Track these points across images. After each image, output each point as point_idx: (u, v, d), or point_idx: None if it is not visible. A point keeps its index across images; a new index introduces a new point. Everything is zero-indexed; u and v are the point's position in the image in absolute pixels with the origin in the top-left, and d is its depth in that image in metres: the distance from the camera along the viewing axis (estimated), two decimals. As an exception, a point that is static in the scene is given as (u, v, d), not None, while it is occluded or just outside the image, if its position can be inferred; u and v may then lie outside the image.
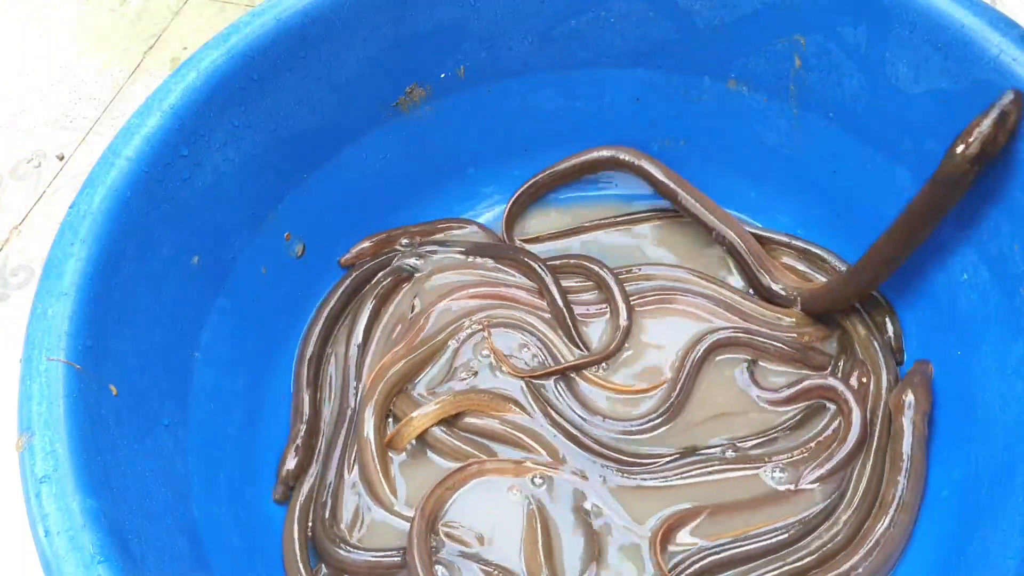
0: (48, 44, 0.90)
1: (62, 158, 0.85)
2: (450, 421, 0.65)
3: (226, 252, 0.62)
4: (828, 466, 0.61)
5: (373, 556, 0.59)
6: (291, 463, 0.62)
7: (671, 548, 0.60)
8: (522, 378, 0.66)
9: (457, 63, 0.68)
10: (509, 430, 0.64)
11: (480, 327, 0.69)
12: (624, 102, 0.73)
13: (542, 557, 0.59)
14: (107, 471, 0.46)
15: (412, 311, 0.70)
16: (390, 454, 0.64)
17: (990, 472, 0.57)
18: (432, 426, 0.64)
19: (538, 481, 0.63)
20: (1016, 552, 0.51)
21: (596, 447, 0.63)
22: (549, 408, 0.65)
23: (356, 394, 0.66)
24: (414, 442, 0.64)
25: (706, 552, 0.59)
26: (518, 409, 0.66)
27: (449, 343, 0.69)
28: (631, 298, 0.70)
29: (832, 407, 0.65)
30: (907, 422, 0.60)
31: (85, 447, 0.45)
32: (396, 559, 0.58)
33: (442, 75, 0.68)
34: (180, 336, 0.57)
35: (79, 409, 0.46)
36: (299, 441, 0.63)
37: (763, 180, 0.74)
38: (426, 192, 0.75)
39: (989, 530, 0.54)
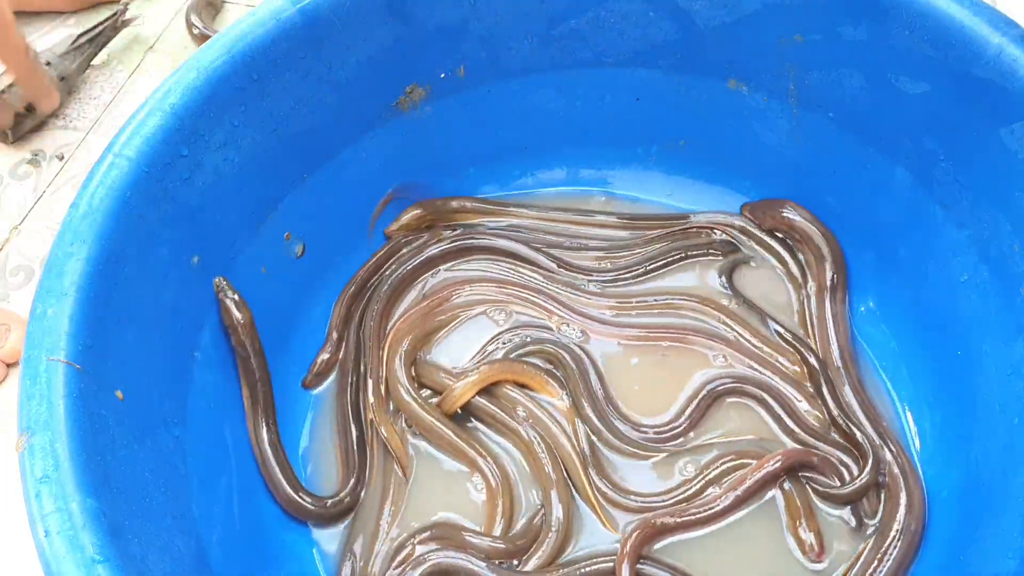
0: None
1: (62, 158, 0.85)
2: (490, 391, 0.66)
3: (226, 252, 0.62)
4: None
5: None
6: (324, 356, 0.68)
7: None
8: None
9: (457, 63, 0.68)
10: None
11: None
12: (624, 102, 0.73)
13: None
14: (107, 471, 0.46)
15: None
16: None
17: (990, 472, 0.57)
18: (475, 395, 0.65)
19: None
20: (1016, 552, 0.51)
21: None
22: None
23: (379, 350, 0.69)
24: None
25: None
26: (556, 386, 0.66)
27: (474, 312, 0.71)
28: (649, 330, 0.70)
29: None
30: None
31: (85, 447, 0.45)
32: None
33: (442, 75, 0.68)
34: (180, 336, 0.57)
35: (79, 409, 0.46)
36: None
37: (763, 180, 0.74)
38: (426, 192, 0.75)
39: (989, 530, 0.54)
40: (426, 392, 0.68)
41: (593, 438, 0.64)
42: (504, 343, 0.69)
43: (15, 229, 0.81)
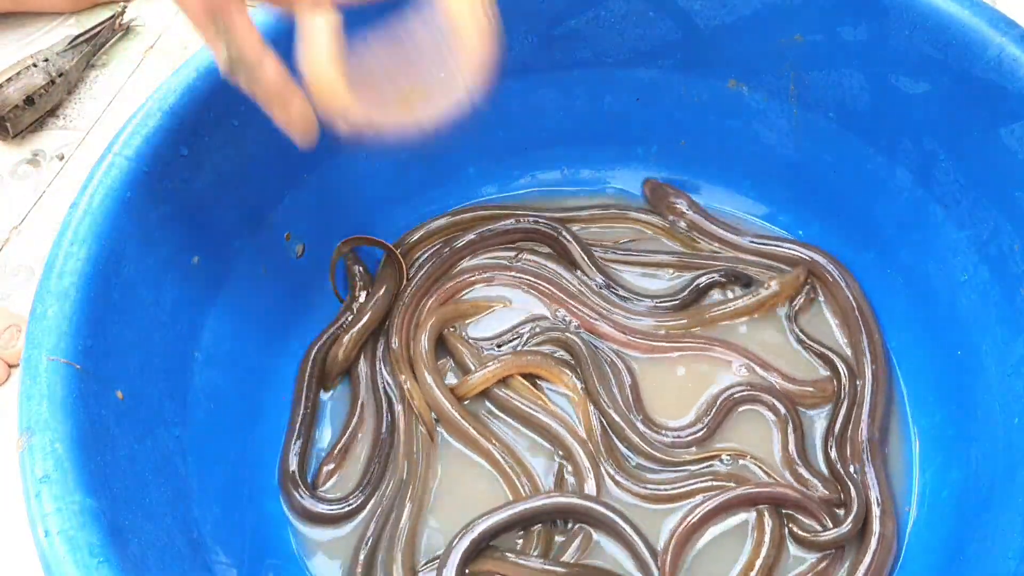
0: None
1: (62, 158, 0.85)
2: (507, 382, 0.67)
3: (226, 252, 0.62)
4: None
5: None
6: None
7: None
8: None
9: (457, 63, 0.68)
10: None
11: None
12: (624, 102, 0.72)
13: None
14: (107, 471, 0.46)
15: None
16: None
17: (990, 472, 0.57)
18: (491, 385, 0.66)
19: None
20: (1016, 552, 0.51)
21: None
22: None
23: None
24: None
25: None
26: (573, 376, 0.67)
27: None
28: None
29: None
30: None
31: (85, 447, 0.45)
32: None
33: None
34: (180, 336, 0.57)
35: (79, 409, 0.46)
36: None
37: (763, 180, 0.74)
38: (426, 192, 0.75)
39: (989, 530, 0.54)
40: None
41: (607, 429, 0.65)
42: (522, 334, 0.69)
43: (15, 229, 0.81)
